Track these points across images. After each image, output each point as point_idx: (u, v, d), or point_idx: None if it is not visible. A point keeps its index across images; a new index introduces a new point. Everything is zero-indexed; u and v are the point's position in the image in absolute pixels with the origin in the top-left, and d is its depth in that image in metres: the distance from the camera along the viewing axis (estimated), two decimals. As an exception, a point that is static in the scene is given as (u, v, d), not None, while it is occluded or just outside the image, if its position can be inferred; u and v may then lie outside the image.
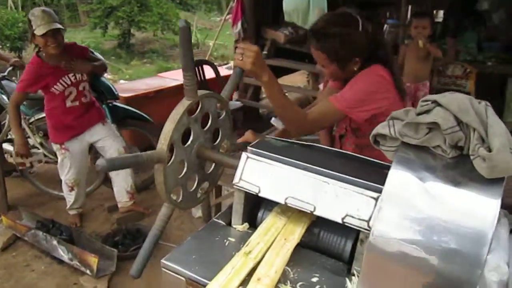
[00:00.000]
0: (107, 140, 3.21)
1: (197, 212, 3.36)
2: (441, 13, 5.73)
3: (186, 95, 1.17)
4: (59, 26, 2.77)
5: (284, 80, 6.00)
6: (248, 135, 1.67)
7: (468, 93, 3.89)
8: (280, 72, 5.40)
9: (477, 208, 0.85)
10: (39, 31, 2.69)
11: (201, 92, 1.26)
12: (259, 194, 1.12)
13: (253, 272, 1.02)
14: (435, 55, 3.67)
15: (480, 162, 0.86)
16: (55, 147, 3.13)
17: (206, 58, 7.48)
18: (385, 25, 5.01)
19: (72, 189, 3.21)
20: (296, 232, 1.15)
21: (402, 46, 3.86)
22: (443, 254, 0.84)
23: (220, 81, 4.75)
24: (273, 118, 3.71)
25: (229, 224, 1.24)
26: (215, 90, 1.34)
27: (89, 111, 3.12)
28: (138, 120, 3.80)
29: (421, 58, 3.65)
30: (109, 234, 3.08)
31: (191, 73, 1.13)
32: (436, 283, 0.85)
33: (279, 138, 1.31)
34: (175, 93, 4.65)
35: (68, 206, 3.32)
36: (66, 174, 3.16)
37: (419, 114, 0.95)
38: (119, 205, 3.40)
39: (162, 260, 1.07)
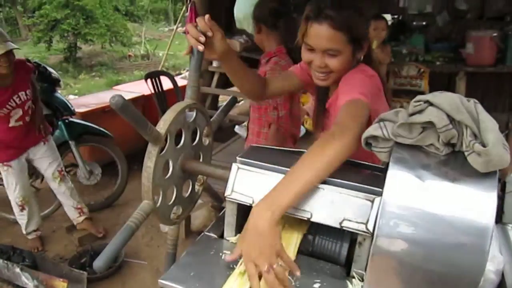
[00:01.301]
0: (43, 161, 3.12)
1: (165, 227, 3.28)
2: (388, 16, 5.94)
3: (188, 95, 1.19)
4: (14, 46, 2.69)
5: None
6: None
7: (423, 92, 4.06)
8: (237, 79, 5.41)
9: (476, 201, 0.87)
10: None
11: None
12: (253, 205, 1.10)
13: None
14: (382, 61, 3.80)
15: (476, 157, 0.89)
16: None
17: (159, 69, 7.35)
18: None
19: (23, 208, 3.08)
20: (290, 251, 1.11)
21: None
22: (448, 248, 0.86)
23: (177, 91, 4.68)
24: (236, 126, 3.71)
25: (221, 236, 1.21)
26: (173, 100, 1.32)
27: (30, 132, 3.01)
28: (97, 136, 3.68)
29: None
30: (75, 256, 2.95)
31: (197, 73, 1.12)
32: (443, 278, 0.86)
33: (268, 146, 1.30)
34: (134, 105, 4.53)
35: (23, 230, 3.16)
36: (14, 192, 3.03)
37: (412, 114, 0.96)
38: (74, 223, 3.32)
39: (160, 280, 1.03)
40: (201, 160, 1.35)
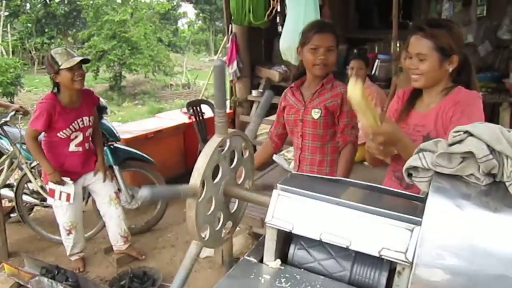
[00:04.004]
0: (99, 184, 3.22)
1: (203, 252, 3.32)
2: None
3: (217, 131, 1.18)
4: (86, 57, 2.86)
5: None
6: None
7: (464, 123, 3.97)
8: (275, 108, 5.49)
9: (518, 233, 0.87)
10: (67, 64, 2.77)
11: (229, 130, 1.27)
12: (293, 231, 1.13)
13: None
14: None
15: (517, 188, 0.89)
16: None
17: (200, 98, 7.56)
18: (377, 60, 5.15)
19: (70, 232, 3.18)
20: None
21: (394, 77, 4.00)
22: (489, 280, 0.85)
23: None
24: (274, 155, 3.74)
25: (261, 261, 1.24)
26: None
27: (88, 159, 3.15)
28: (140, 161, 3.81)
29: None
30: (115, 278, 3.02)
31: (223, 110, 1.14)
32: (485, 311, 0.85)
33: (307, 174, 1.33)
34: (174, 133, 4.69)
35: (68, 252, 3.28)
36: (63, 217, 3.13)
37: (451, 144, 0.98)
38: (114, 248, 3.38)
39: (201, 301, 1.06)
40: (243, 174, 1.39)
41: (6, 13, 15.46)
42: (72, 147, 3.02)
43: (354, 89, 1.30)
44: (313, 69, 2.16)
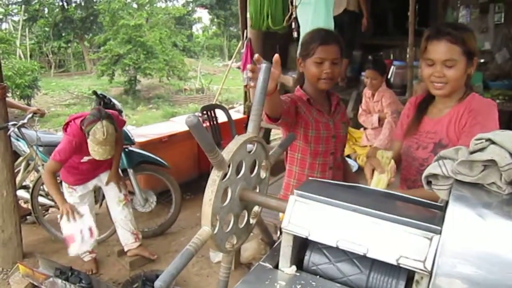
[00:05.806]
0: (112, 185, 3.28)
1: (216, 257, 3.32)
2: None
3: (250, 127, 1.22)
4: (112, 152, 2.91)
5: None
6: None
7: (481, 131, 3.93)
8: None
9: (541, 244, 0.85)
10: (92, 154, 2.84)
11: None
12: (309, 238, 1.12)
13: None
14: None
15: (541, 198, 0.87)
16: (64, 185, 3.18)
17: (214, 102, 7.59)
18: (392, 67, 5.11)
19: (70, 241, 3.19)
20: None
21: (415, 84, 4.00)
22: (510, 292, 0.84)
23: (232, 124, 4.80)
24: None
25: (276, 267, 1.23)
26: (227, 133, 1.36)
27: (101, 164, 3.19)
28: (154, 165, 3.83)
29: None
30: (128, 281, 3.03)
31: (261, 107, 1.18)
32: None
33: (324, 180, 1.32)
34: (188, 137, 4.69)
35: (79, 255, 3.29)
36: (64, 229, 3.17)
37: (472, 152, 0.96)
38: (125, 248, 3.41)
39: (217, 306, 1.05)
40: (258, 189, 1.39)
41: (25, 17, 15.75)
42: (84, 160, 3.08)
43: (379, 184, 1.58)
44: (319, 83, 1.92)
